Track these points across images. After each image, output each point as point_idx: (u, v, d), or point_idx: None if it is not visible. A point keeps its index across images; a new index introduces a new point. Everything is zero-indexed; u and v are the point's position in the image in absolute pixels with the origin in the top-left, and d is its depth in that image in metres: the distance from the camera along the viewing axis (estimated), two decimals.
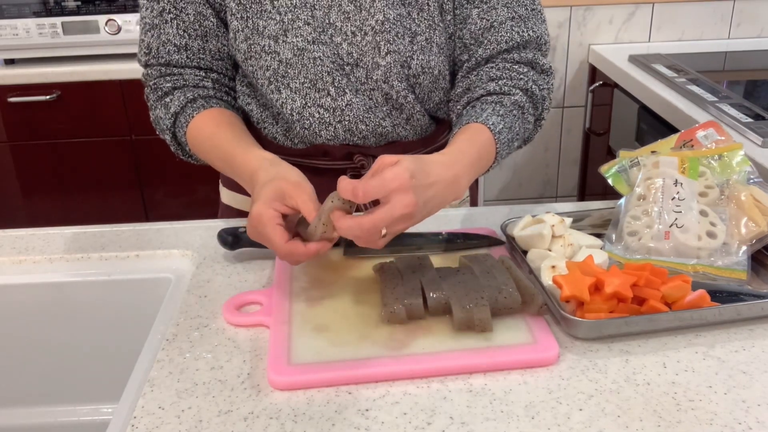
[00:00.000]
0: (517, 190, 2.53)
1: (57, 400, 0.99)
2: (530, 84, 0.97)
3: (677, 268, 0.83)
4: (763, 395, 0.67)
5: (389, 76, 0.95)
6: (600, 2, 2.25)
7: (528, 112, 0.97)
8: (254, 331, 0.78)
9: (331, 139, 1.00)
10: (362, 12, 0.93)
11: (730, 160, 0.92)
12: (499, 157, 0.91)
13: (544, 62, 1.00)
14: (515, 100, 0.95)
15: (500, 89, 0.96)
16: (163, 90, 1.00)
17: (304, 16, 0.93)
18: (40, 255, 0.96)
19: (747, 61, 2.15)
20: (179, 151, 1.04)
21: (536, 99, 0.98)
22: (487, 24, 0.97)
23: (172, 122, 0.99)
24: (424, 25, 0.96)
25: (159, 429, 0.65)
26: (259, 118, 1.04)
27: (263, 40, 0.95)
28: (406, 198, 0.72)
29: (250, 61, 0.97)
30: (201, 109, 0.97)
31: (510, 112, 0.93)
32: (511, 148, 0.95)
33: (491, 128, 0.90)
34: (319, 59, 0.94)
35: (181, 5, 0.97)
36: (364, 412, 0.66)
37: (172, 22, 0.98)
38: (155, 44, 0.99)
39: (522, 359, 0.71)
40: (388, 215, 0.72)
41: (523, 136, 0.98)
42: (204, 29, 0.99)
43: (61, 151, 2.22)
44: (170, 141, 1.02)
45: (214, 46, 1.00)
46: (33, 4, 2.08)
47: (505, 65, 0.98)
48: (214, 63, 1.02)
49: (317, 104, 0.97)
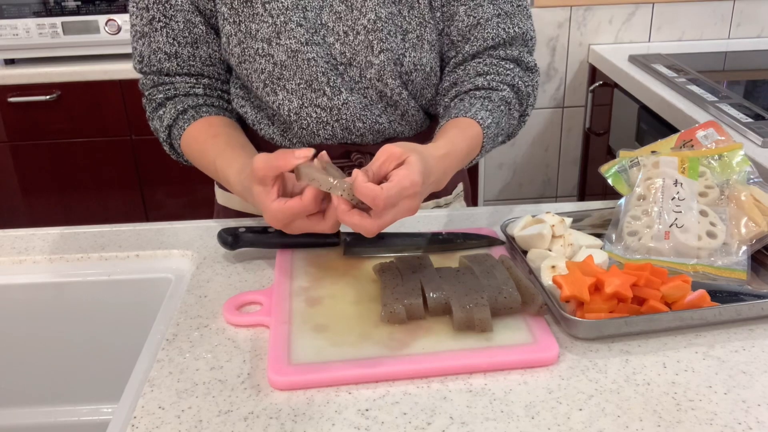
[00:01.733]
0: (517, 190, 2.53)
1: (57, 400, 0.99)
2: (516, 80, 0.99)
3: (677, 268, 0.83)
4: (763, 395, 0.67)
5: (383, 74, 0.96)
6: (600, 2, 2.25)
7: (514, 108, 0.99)
8: (254, 331, 0.78)
9: (329, 138, 1.00)
10: (354, 12, 0.94)
11: (730, 160, 0.92)
12: (483, 150, 0.93)
13: (529, 60, 1.02)
14: (503, 96, 0.97)
15: (488, 84, 0.97)
16: (156, 101, 1.02)
17: (296, 17, 0.93)
18: (40, 255, 0.96)
19: (747, 61, 2.15)
20: (180, 160, 1.05)
21: (522, 95, 1.00)
22: (474, 21, 0.98)
23: (167, 134, 1.01)
24: (414, 22, 0.97)
25: (159, 429, 0.65)
26: (255, 120, 1.04)
27: (256, 43, 0.95)
28: (413, 202, 0.75)
29: (244, 64, 0.98)
30: (191, 120, 0.99)
31: (498, 107, 0.95)
32: (495, 142, 0.97)
33: (480, 123, 0.92)
34: (313, 60, 0.94)
35: (170, 13, 0.97)
36: (364, 412, 0.66)
37: (162, 30, 0.98)
38: (146, 52, 1.00)
39: (522, 359, 0.71)
40: (393, 217, 0.75)
41: (508, 131, 1.01)
42: (194, 36, 0.99)
43: (61, 151, 2.22)
44: (169, 151, 1.05)
45: (205, 53, 1.01)
46: (33, 4, 2.08)
47: (491, 61, 0.99)
48: (205, 69, 1.02)
49: (314, 104, 0.97)
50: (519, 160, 2.47)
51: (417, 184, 0.74)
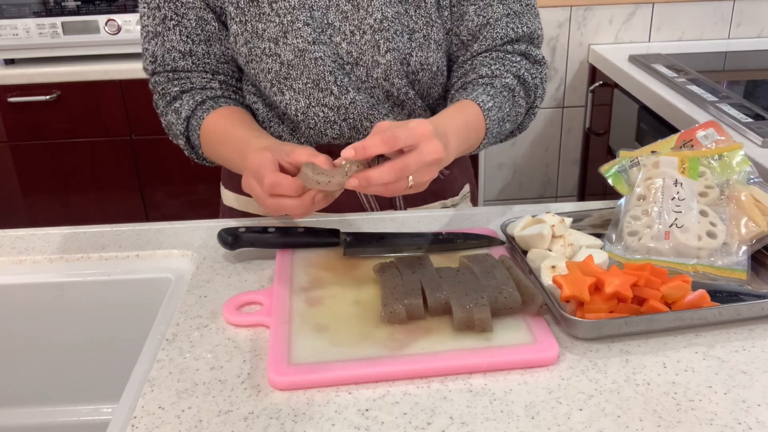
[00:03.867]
0: (517, 190, 2.53)
1: (57, 400, 0.99)
2: (522, 71, 0.99)
3: (677, 268, 0.83)
4: (763, 395, 0.67)
5: (389, 74, 0.96)
6: (600, 2, 2.25)
7: (519, 95, 0.99)
8: (254, 331, 0.78)
9: (336, 137, 1.00)
10: (360, 11, 0.94)
11: (730, 160, 0.92)
12: (489, 134, 0.93)
13: (537, 53, 1.03)
14: (505, 83, 0.97)
15: (492, 73, 0.98)
16: (171, 95, 1.01)
17: (303, 17, 0.93)
18: (40, 255, 0.96)
19: (747, 61, 2.15)
20: (193, 155, 1.05)
21: (528, 86, 1.00)
22: (484, 21, 0.99)
23: (185, 127, 1.00)
24: (421, 22, 0.97)
25: (159, 429, 0.65)
26: (265, 118, 1.04)
27: (263, 42, 0.95)
28: (433, 144, 0.75)
29: (251, 64, 0.98)
30: (210, 110, 0.98)
31: (500, 93, 0.96)
32: (502, 128, 0.96)
33: (480, 105, 0.92)
34: (320, 59, 0.94)
35: (182, 11, 0.97)
36: (364, 412, 0.66)
37: (175, 28, 0.98)
38: (160, 52, 0.99)
39: (522, 359, 0.71)
40: (419, 159, 0.75)
41: (515, 119, 1.00)
42: (207, 34, 0.99)
43: (61, 151, 2.22)
44: (184, 145, 1.03)
45: (219, 50, 1.01)
46: (33, 4, 2.08)
47: (498, 55, 1.00)
48: (219, 66, 1.02)
49: (321, 104, 0.97)
50: (519, 160, 2.47)
51: (424, 125, 0.75)
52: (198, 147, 1.02)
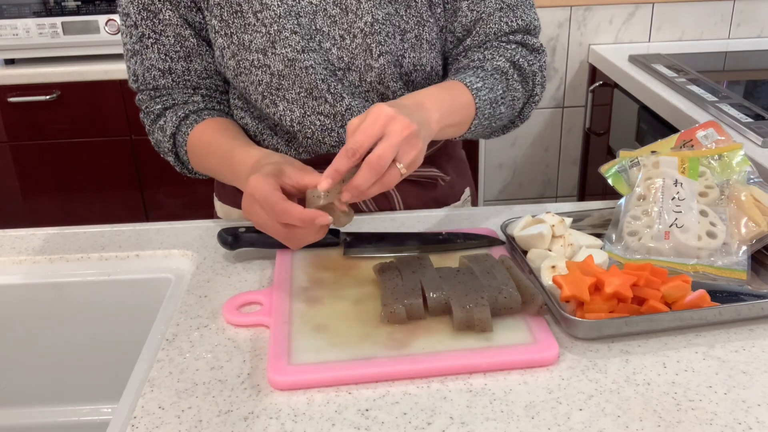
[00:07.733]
0: (517, 190, 2.53)
1: (57, 400, 0.99)
2: (517, 57, 0.97)
3: (677, 268, 0.83)
4: (763, 395, 0.67)
5: (383, 77, 0.95)
6: (600, 2, 2.25)
7: (513, 78, 0.97)
8: (254, 331, 0.78)
9: (335, 145, 0.99)
10: (349, 14, 0.92)
11: (730, 160, 0.92)
12: (480, 113, 0.91)
13: (534, 41, 1.01)
14: (497, 65, 0.95)
15: (483, 58, 0.97)
16: (155, 113, 1.00)
17: (289, 25, 0.92)
18: (40, 255, 0.96)
19: (747, 61, 2.15)
20: (184, 171, 1.04)
21: (525, 72, 0.98)
22: (477, 15, 0.98)
23: (171, 143, 0.99)
24: (412, 22, 0.96)
25: (159, 429, 0.65)
26: (257, 131, 1.02)
27: (251, 54, 0.93)
28: (398, 122, 0.74)
29: (240, 77, 0.96)
30: (194, 124, 0.97)
31: (490, 75, 0.94)
32: (496, 110, 0.94)
33: (468, 84, 0.90)
34: (311, 67, 0.93)
35: (159, 28, 0.96)
36: (364, 412, 0.66)
37: (153, 46, 0.97)
38: (140, 70, 0.99)
39: (522, 359, 0.71)
40: (389, 144, 0.73)
41: (512, 104, 0.98)
42: (186, 50, 0.98)
43: (61, 151, 2.22)
44: (174, 162, 1.03)
45: (199, 65, 0.99)
46: (33, 4, 2.08)
47: (492, 44, 0.99)
48: (201, 82, 1.01)
49: (317, 112, 0.96)
50: (519, 160, 2.47)
51: (380, 107, 0.74)
52: (187, 162, 1.01)
